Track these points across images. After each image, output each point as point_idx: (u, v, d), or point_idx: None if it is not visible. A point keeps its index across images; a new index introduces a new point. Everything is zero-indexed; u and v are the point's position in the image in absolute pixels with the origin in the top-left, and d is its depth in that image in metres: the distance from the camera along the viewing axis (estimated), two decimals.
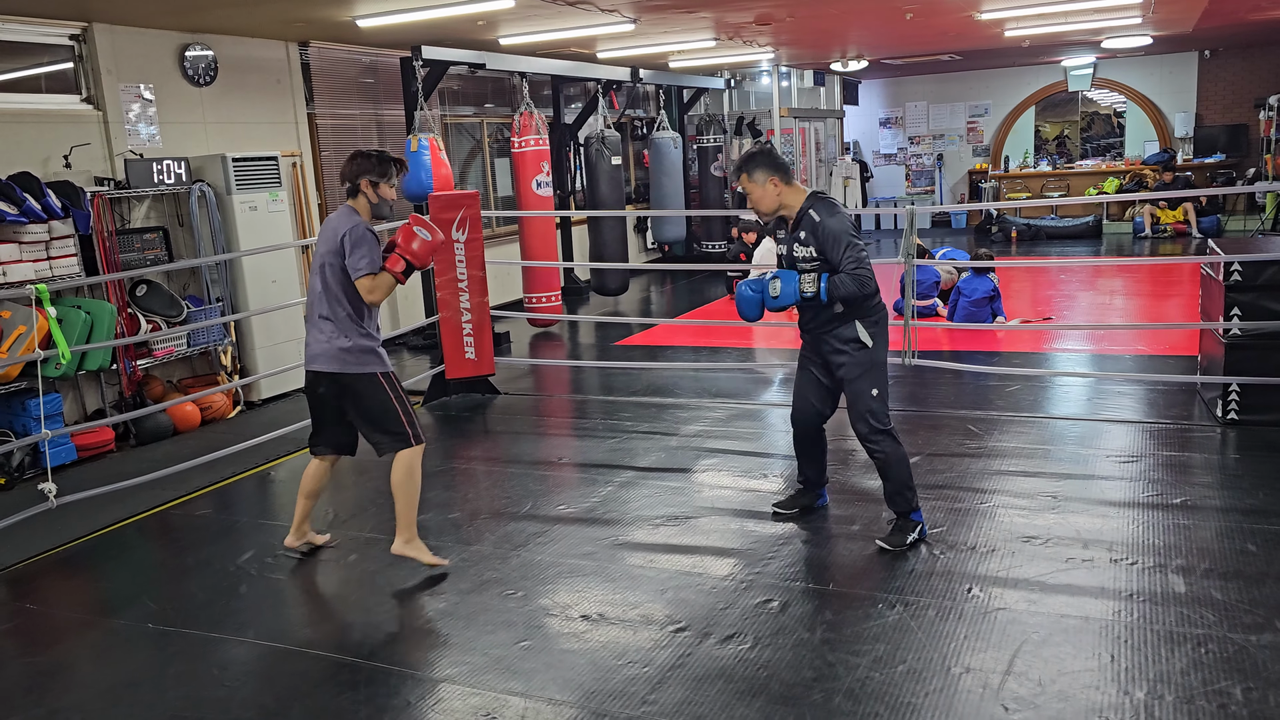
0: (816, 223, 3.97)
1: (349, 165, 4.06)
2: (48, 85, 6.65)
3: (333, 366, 4.02)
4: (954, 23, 9.45)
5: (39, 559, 4.67)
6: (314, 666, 3.46)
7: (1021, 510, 4.47)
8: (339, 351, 4.00)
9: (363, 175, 4.03)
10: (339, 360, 4.01)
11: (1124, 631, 3.35)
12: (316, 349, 4.05)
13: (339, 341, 3.99)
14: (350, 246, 3.91)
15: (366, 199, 4.06)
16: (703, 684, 3.18)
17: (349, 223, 3.98)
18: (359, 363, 4.03)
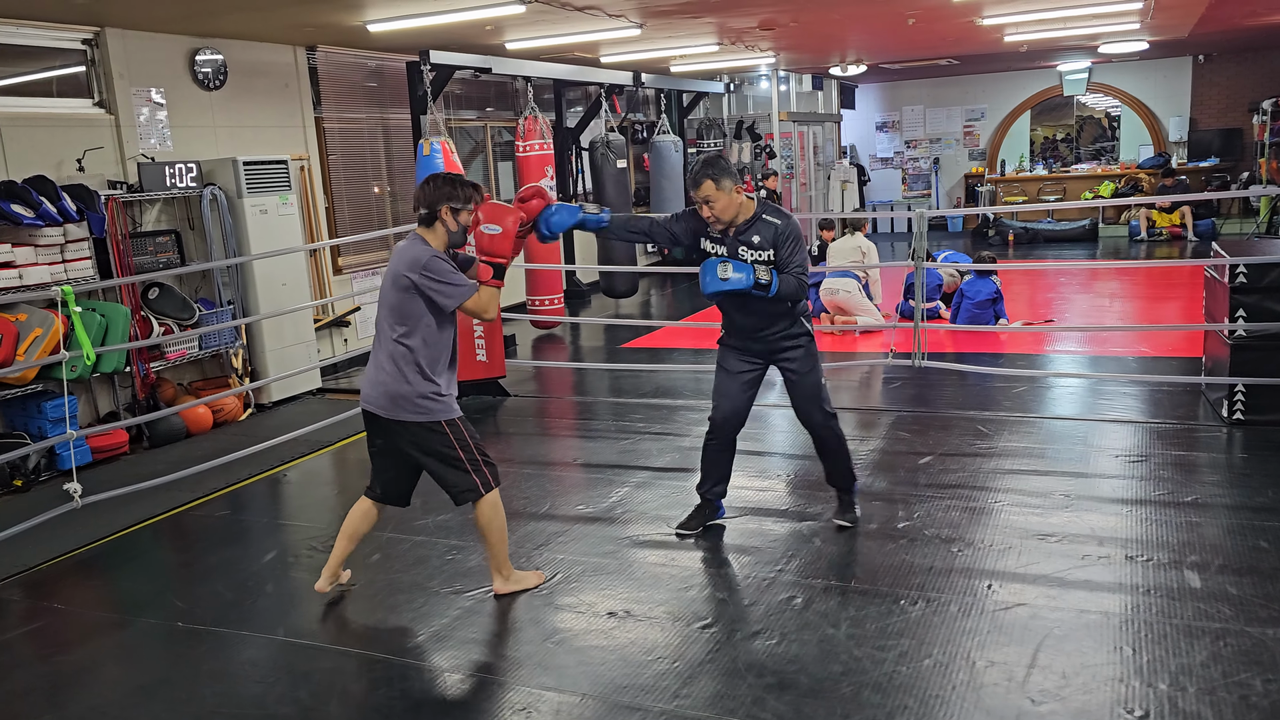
0: (776, 226, 4.07)
1: (429, 190, 3.69)
2: (60, 89, 6.68)
3: (393, 412, 3.69)
4: (955, 28, 9.54)
5: (63, 559, 4.70)
6: (346, 663, 3.51)
7: (1035, 509, 4.54)
8: (400, 396, 3.66)
9: (444, 202, 3.66)
10: (399, 405, 3.67)
11: (1143, 626, 3.42)
12: (376, 389, 3.72)
13: (400, 386, 3.65)
14: (434, 281, 3.57)
15: (445, 228, 3.69)
16: (733, 678, 3.24)
17: (420, 254, 3.61)
18: (420, 410, 3.68)
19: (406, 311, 3.63)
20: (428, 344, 3.67)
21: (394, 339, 3.66)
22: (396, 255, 3.70)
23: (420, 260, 3.61)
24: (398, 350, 3.65)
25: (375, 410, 3.73)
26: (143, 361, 6.63)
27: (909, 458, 5.38)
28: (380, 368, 3.70)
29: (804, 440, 5.88)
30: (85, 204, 6.13)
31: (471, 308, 3.69)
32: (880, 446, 5.62)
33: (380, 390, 3.69)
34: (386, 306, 3.69)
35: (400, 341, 3.65)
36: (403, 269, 3.62)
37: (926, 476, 5.07)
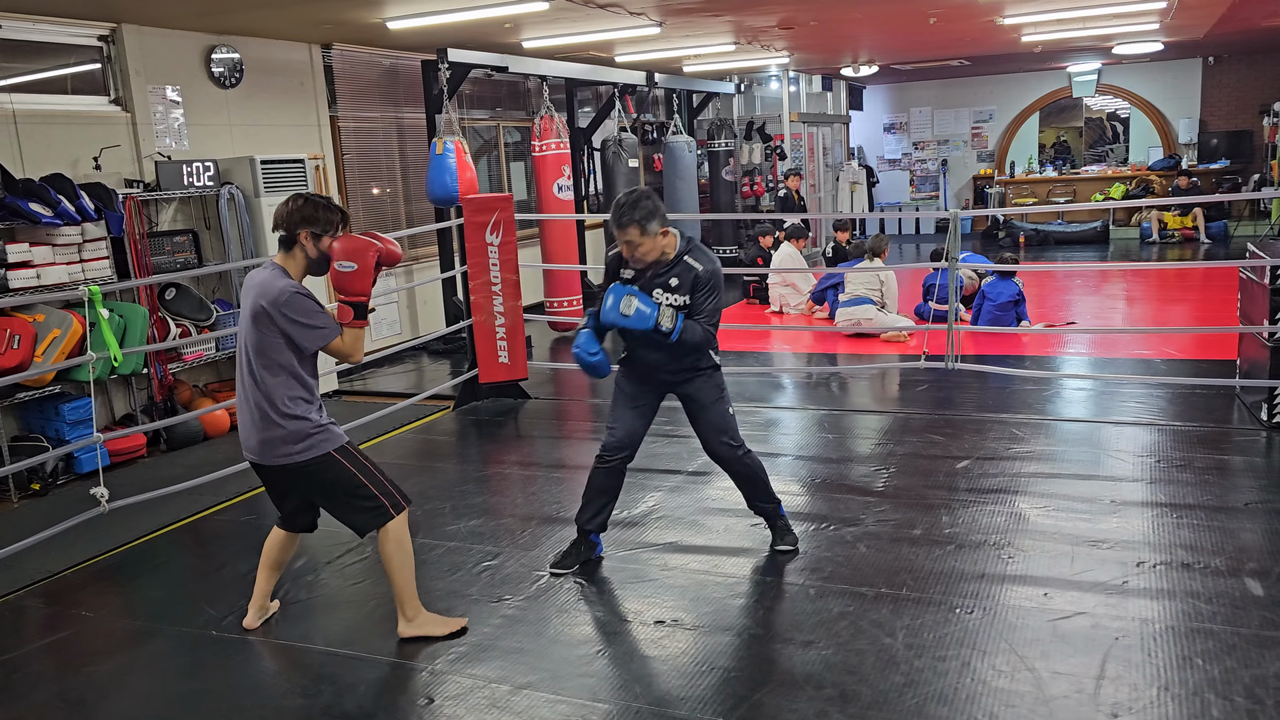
0: (696, 271, 3.86)
1: (286, 211, 3.33)
2: (75, 86, 6.57)
3: (275, 458, 3.36)
4: (974, 27, 9.47)
5: (87, 565, 4.60)
6: (390, 674, 3.41)
7: (1083, 515, 4.45)
8: (278, 440, 3.33)
9: (303, 225, 3.30)
10: (275, 449, 3.34)
11: (1209, 637, 3.33)
12: (250, 436, 3.40)
13: (272, 430, 3.31)
14: (295, 318, 3.24)
15: (304, 254, 3.34)
16: (792, 690, 3.14)
17: (280, 288, 3.25)
18: (306, 448, 3.34)
19: (266, 346, 3.28)
20: (294, 378, 3.33)
21: (256, 378, 3.31)
22: (254, 286, 3.32)
23: (280, 295, 3.23)
24: (263, 390, 3.30)
25: (256, 459, 3.44)
26: (160, 363, 6.53)
27: (946, 461, 5.29)
28: (249, 412, 3.36)
29: (832, 443, 5.84)
30: (103, 203, 6.03)
31: (335, 350, 3.35)
32: (916, 450, 5.53)
33: (255, 438, 3.37)
34: (246, 342, 3.32)
35: (263, 380, 3.30)
36: (262, 301, 3.25)
37: (966, 481, 4.98)
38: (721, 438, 4.07)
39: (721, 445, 4.08)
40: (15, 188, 5.60)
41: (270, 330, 3.27)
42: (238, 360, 3.41)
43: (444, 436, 6.53)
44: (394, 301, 9.06)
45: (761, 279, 10.53)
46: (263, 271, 3.35)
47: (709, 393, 4.05)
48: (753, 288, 10.79)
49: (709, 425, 4.07)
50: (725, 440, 4.08)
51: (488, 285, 6.59)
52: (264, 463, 3.41)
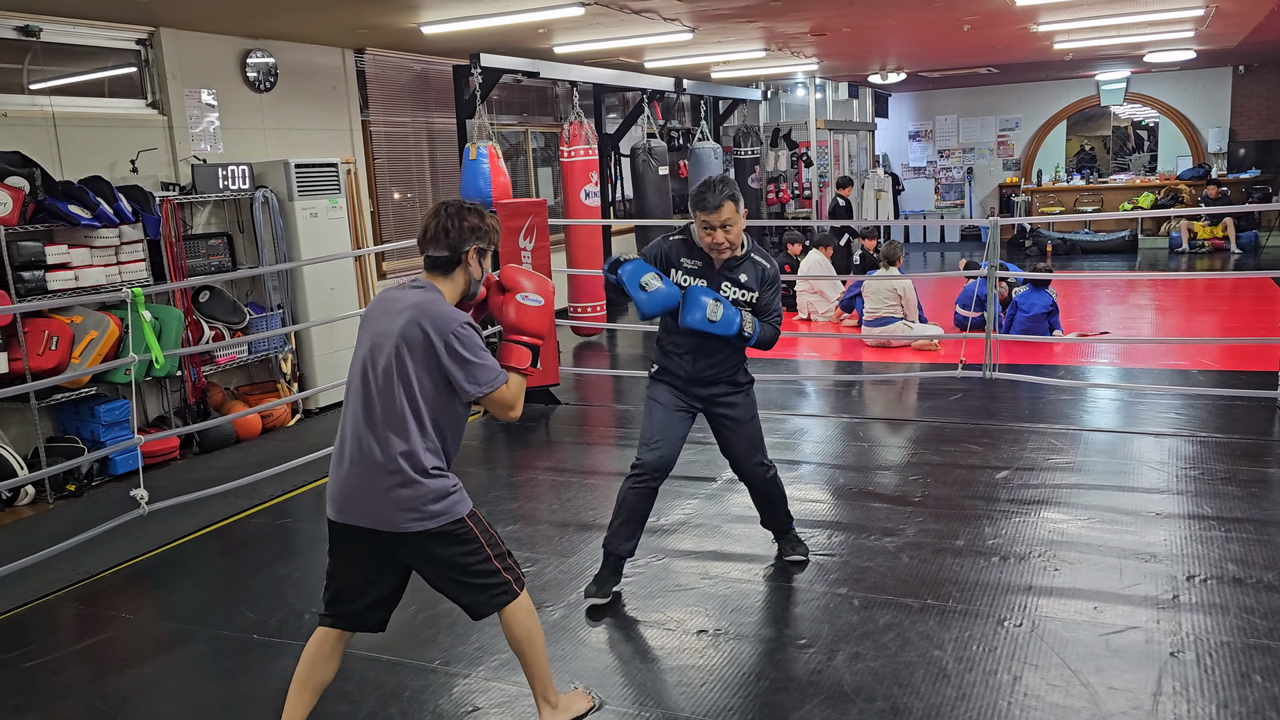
0: (764, 268, 3.73)
1: (457, 224, 2.78)
2: (113, 89, 6.61)
3: (400, 522, 2.69)
4: (1007, 35, 9.42)
5: (124, 567, 4.60)
6: (434, 680, 3.39)
7: (1129, 528, 4.38)
8: (416, 500, 2.68)
9: (473, 241, 2.79)
10: (409, 511, 2.68)
11: (1268, 653, 3.26)
12: (369, 494, 2.69)
13: (412, 487, 2.67)
14: (466, 355, 2.67)
15: (468, 276, 2.82)
16: (842, 703, 3.10)
17: (449, 315, 2.69)
18: (444, 510, 2.72)
19: (420, 383, 2.69)
20: (437, 426, 2.73)
21: (397, 419, 2.68)
22: (408, 306, 2.72)
23: (451, 324, 2.68)
24: (403, 435, 2.67)
25: (367, 524, 2.71)
26: (194, 366, 6.54)
27: (985, 472, 5.23)
28: (374, 462, 2.67)
29: (866, 451, 5.79)
30: (140, 205, 6.06)
31: (498, 400, 2.75)
32: (953, 459, 5.47)
33: (377, 495, 2.68)
34: (388, 375, 2.69)
35: (405, 423, 2.68)
36: (427, 326, 2.67)
37: (1006, 492, 4.92)
38: (755, 458, 3.95)
39: (755, 466, 3.96)
40: (55, 190, 5.63)
41: (431, 365, 2.69)
42: (358, 397, 2.74)
43: (472, 442, 6.51)
44: None
45: (789, 286, 10.48)
46: (416, 291, 2.76)
47: (746, 409, 3.89)
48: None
49: (745, 444, 3.91)
50: (759, 460, 3.96)
51: None
52: (384, 528, 2.70)
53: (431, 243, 2.80)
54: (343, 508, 2.74)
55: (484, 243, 2.82)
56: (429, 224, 2.82)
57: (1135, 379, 7.10)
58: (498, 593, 2.81)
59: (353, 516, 2.73)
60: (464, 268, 2.80)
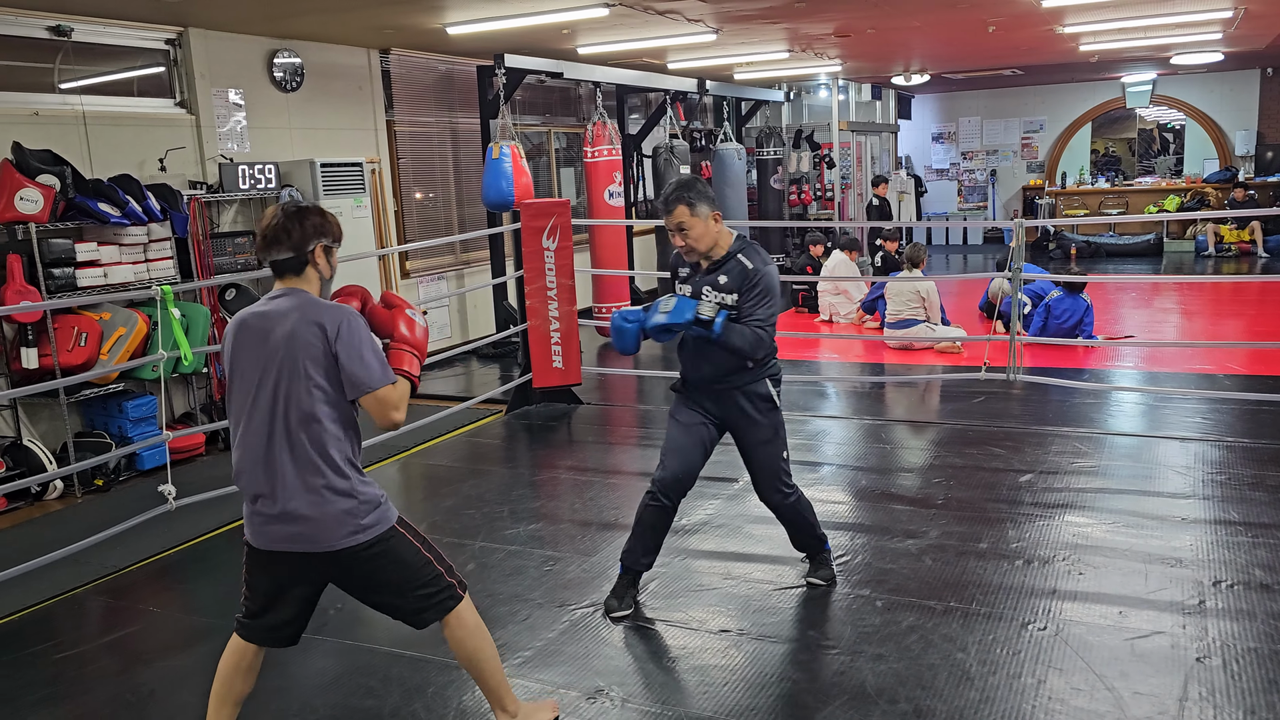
0: (748, 271, 3.56)
1: (298, 223, 2.64)
2: (142, 89, 6.68)
3: (340, 539, 2.59)
4: (1033, 36, 9.37)
5: (150, 562, 4.65)
6: (458, 676, 3.40)
7: (1154, 532, 4.35)
8: (346, 515, 2.58)
9: (317, 238, 2.67)
10: (347, 526, 2.58)
11: None
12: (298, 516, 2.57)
13: (340, 502, 2.57)
14: (355, 344, 2.56)
15: (319, 274, 2.70)
16: (865, 704, 3.10)
17: (331, 306, 2.62)
18: (376, 521, 2.63)
19: (322, 387, 2.55)
20: (350, 430, 2.63)
21: (307, 433, 2.54)
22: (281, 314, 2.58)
23: (340, 313, 2.59)
24: (318, 448, 2.55)
25: (300, 548, 2.60)
26: (219, 363, 6.60)
27: (1008, 475, 5.21)
28: (292, 485, 2.56)
29: (888, 453, 5.77)
30: (168, 203, 6.12)
31: (385, 398, 2.59)
32: (976, 462, 5.45)
33: (307, 516, 2.56)
34: (292, 388, 2.54)
35: (318, 434, 2.55)
36: (322, 320, 2.56)
37: (1030, 495, 4.90)
38: (773, 482, 3.81)
39: (773, 491, 3.83)
40: (85, 188, 5.70)
41: (327, 365, 2.56)
42: (261, 425, 2.58)
43: (495, 441, 6.54)
44: (445, 305, 9.11)
45: (811, 287, 10.47)
46: (283, 300, 2.63)
47: (762, 432, 3.73)
48: (802, 296, 10.74)
49: (760, 468, 3.80)
50: (777, 485, 3.82)
51: (543, 290, 6.60)
52: (313, 549, 2.59)
53: (273, 246, 2.65)
54: (263, 534, 2.64)
55: (329, 239, 2.72)
56: (267, 228, 2.68)
57: (1161, 383, 7.05)
58: (442, 598, 2.73)
59: (275, 542, 2.62)
60: (313, 266, 2.68)
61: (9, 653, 3.79)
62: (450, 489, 5.49)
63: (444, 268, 9.17)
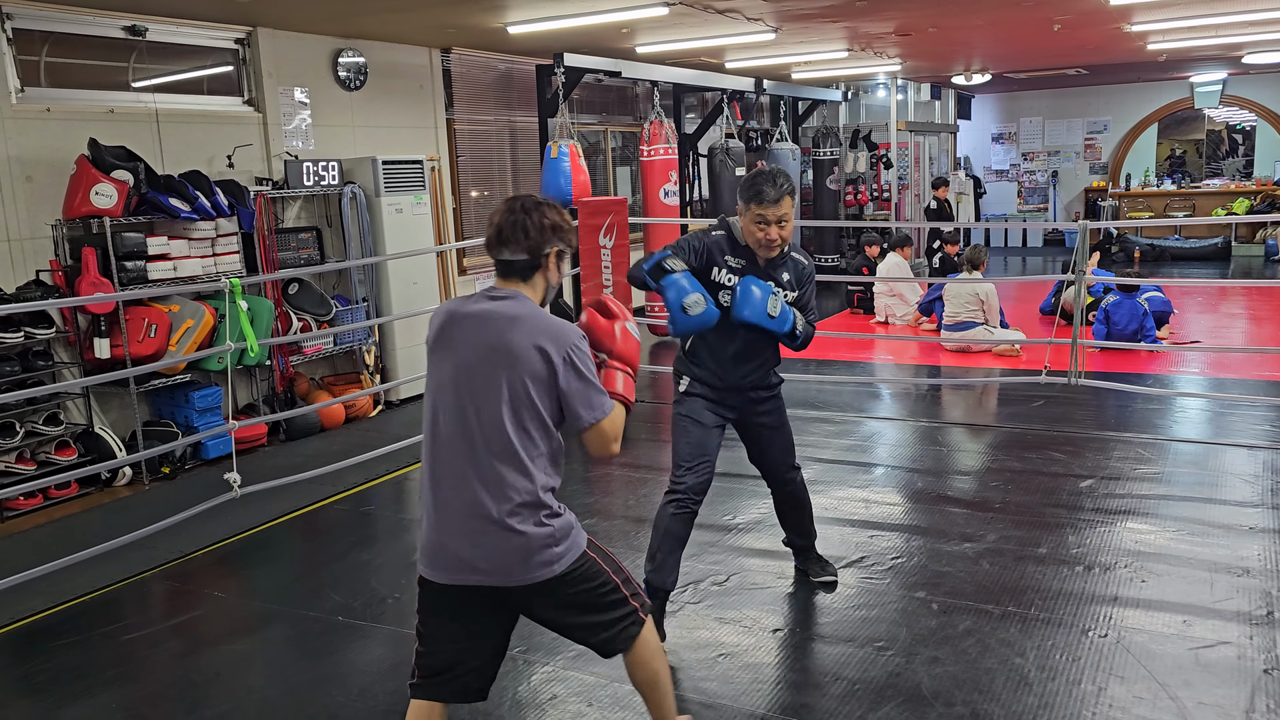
0: (803, 266, 3.58)
1: (536, 222, 2.40)
2: (212, 88, 6.84)
3: (526, 573, 2.35)
4: (1099, 35, 9.19)
5: (215, 548, 4.77)
6: (511, 667, 3.44)
7: (1220, 541, 4.26)
8: (540, 545, 2.34)
9: (554, 244, 2.44)
10: (541, 557, 2.35)
11: None
12: (489, 547, 2.32)
13: (539, 530, 2.33)
14: (582, 373, 2.35)
15: (546, 282, 2.47)
16: (920, 706, 3.08)
17: (560, 328, 2.36)
18: (570, 548, 2.40)
19: (536, 409, 2.34)
20: (552, 458, 2.41)
21: (522, 457, 2.32)
22: (510, 321, 2.34)
23: (568, 337, 2.36)
24: (532, 474, 2.33)
25: (481, 581, 2.35)
26: (282, 355, 6.74)
27: (1069, 480, 5.12)
28: (485, 511, 2.31)
29: (944, 456, 5.71)
30: (235, 199, 6.26)
31: (606, 430, 2.40)
32: (1035, 466, 5.37)
33: (495, 548, 2.32)
34: (505, 404, 2.31)
35: (532, 460, 2.33)
36: (546, 344, 2.33)
37: (1091, 501, 4.82)
38: (790, 460, 3.80)
39: (789, 470, 3.82)
40: (156, 183, 5.85)
41: (550, 388, 2.34)
42: (456, 436, 2.34)
43: None
44: None
45: (866, 289, 10.39)
46: (506, 303, 2.38)
47: (780, 413, 3.73)
48: (857, 297, 10.66)
49: (781, 448, 3.77)
50: (792, 463, 3.82)
51: (600, 288, 6.64)
52: (505, 583, 2.35)
53: (508, 244, 2.40)
54: (446, 566, 2.35)
55: (564, 244, 2.47)
56: (503, 222, 2.41)
57: (1227, 389, 6.89)
58: (627, 624, 2.52)
59: (460, 575, 2.35)
60: (544, 272, 2.44)
61: (81, 632, 3.92)
62: None
63: None
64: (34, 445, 5.49)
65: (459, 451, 2.34)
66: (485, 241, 2.47)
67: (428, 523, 2.40)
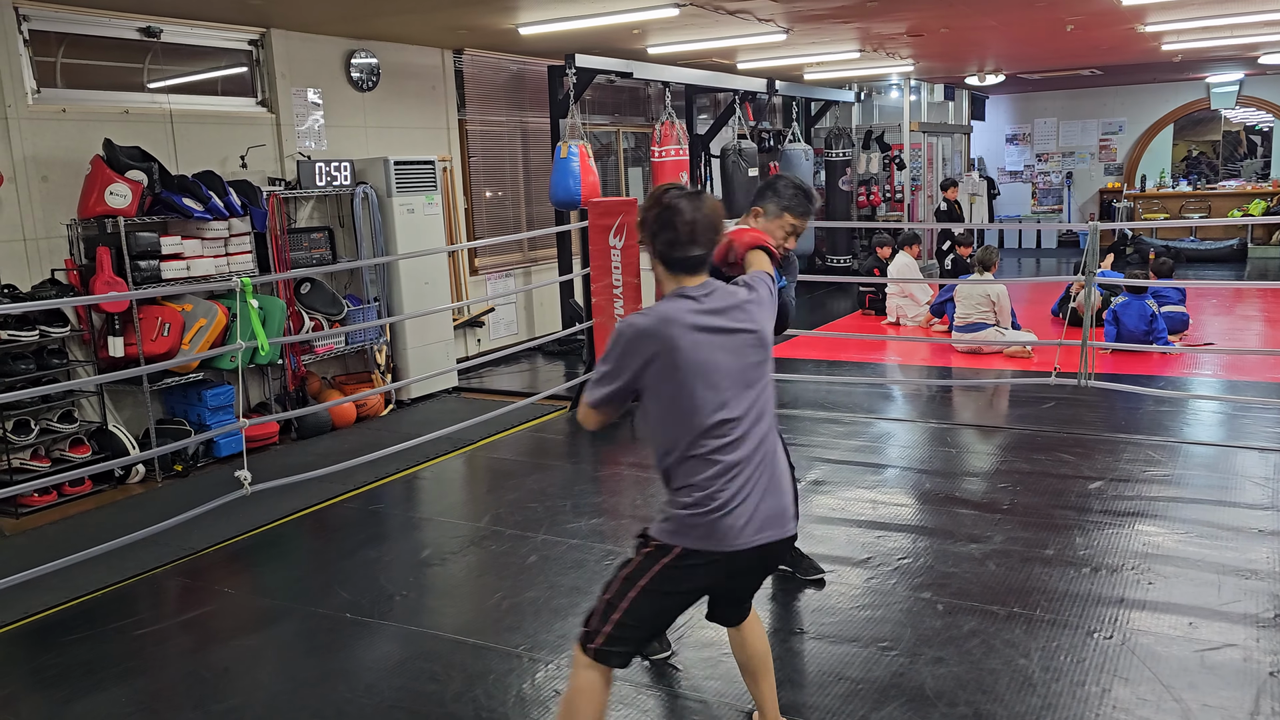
0: (792, 258, 3.66)
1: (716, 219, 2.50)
2: (225, 88, 6.89)
3: (792, 525, 2.59)
4: (1113, 35, 9.15)
5: (226, 545, 4.81)
6: (518, 665, 3.46)
7: (1229, 543, 4.24)
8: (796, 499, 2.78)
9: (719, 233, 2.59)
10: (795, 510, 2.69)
11: None
12: (784, 508, 2.53)
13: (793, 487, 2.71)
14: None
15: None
16: (923, 706, 3.08)
17: (759, 311, 2.57)
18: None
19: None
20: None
21: (776, 429, 2.59)
22: (740, 306, 2.50)
23: (770, 321, 2.63)
24: (781, 441, 2.66)
25: (776, 537, 2.51)
26: (294, 354, 6.79)
27: (1077, 481, 5.11)
28: (783, 469, 2.58)
29: (954, 457, 5.70)
30: (248, 199, 6.30)
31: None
32: (1044, 468, 5.36)
33: (790, 506, 2.58)
34: (769, 378, 2.56)
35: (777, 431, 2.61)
36: (764, 328, 2.56)
37: (1100, 503, 4.80)
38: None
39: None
40: (170, 183, 5.90)
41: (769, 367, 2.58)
42: (753, 405, 2.48)
43: (558, 436, 6.61)
44: (512, 303, 9.23)
45: (878, 290, 10.38)
46: (721, 296, 2.50)
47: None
48: (869, 298, 10.64)
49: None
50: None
51: (609, 288, 6.65)
52: (783, 536, 2.54)
53: (703, 241, 2.46)
54: (763, 528, 2.46)
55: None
56: (696, 219, 2.44)
57: (1241, 391, 6.85)
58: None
59: (772, 533, 2.49)
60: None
61: (93, 627, 3.96)
62: (514, 482, 5.57)
63: (511, 265, 9.29)
64: (48, 443, 5.55)
65: (756, 419, 2.49)
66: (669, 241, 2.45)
67: (737, 498, 2.43)
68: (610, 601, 2.51)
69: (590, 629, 2.52)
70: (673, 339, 2.38)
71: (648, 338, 2.39)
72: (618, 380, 2.44)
